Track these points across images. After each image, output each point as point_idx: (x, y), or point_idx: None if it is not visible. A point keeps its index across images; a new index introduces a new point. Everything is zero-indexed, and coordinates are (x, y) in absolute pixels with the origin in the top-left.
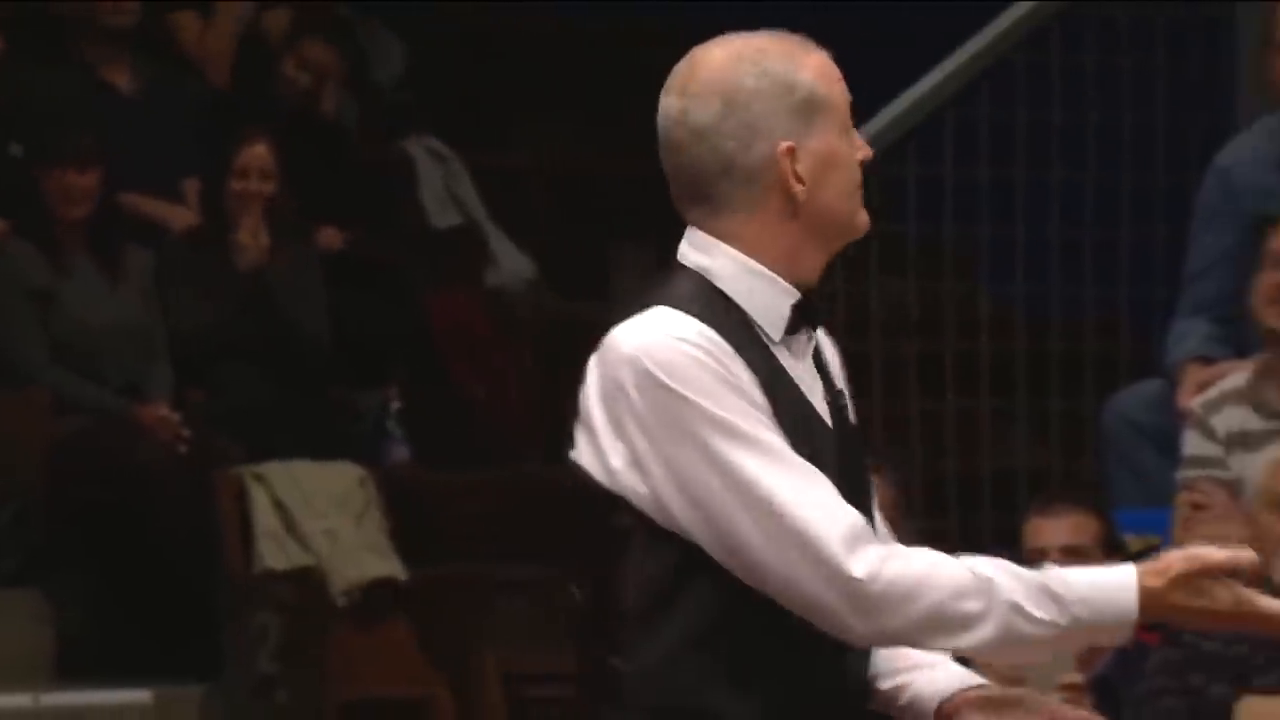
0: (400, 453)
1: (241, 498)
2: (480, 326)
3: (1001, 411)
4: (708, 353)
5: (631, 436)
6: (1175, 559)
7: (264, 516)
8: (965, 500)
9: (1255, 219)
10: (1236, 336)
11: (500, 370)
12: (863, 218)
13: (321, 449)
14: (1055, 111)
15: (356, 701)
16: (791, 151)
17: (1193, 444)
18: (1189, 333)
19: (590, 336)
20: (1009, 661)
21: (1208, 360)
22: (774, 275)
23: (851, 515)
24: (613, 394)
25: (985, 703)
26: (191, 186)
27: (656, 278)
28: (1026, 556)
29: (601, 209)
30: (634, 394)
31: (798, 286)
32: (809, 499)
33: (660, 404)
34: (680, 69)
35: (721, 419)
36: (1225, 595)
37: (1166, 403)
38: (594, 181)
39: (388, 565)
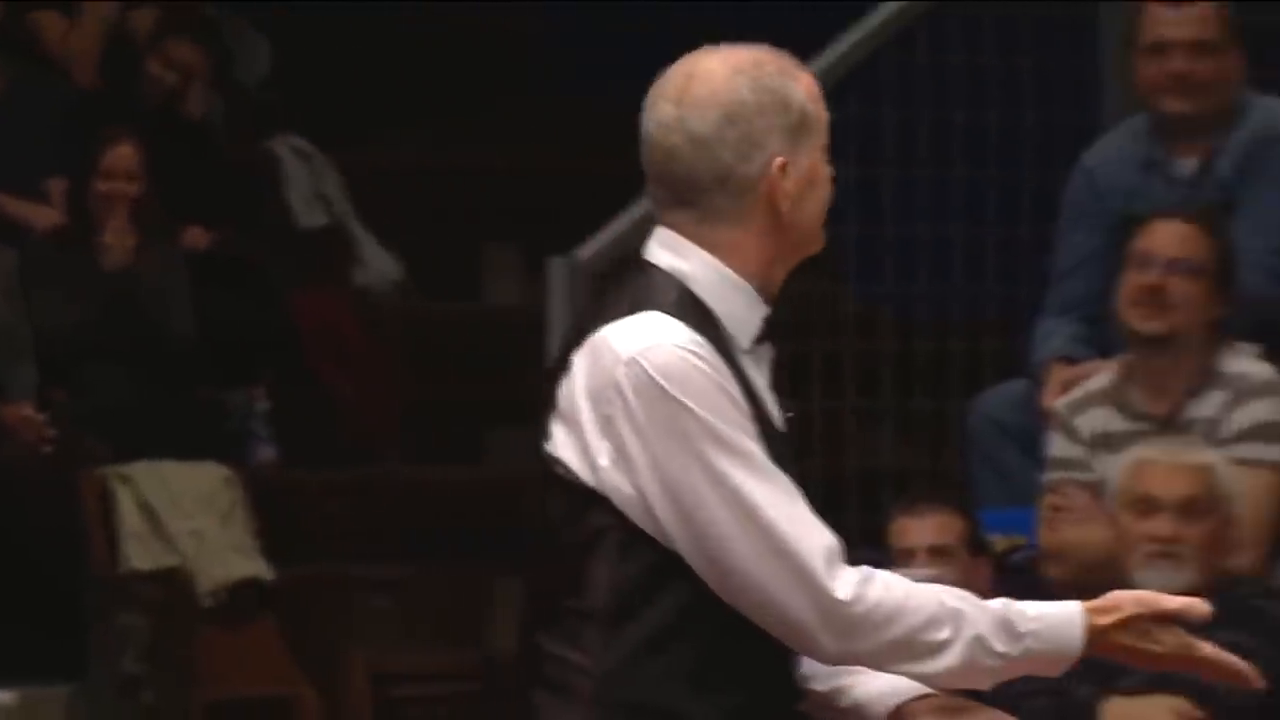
0: (267, 453)
1: (107, 498)
2: (347, 326)
3: (867, 411)
4: (706, 362)
5: (623, 437)
6: (1125, 599)
7: (129, 517)
8: (831, 500)
9: (1121, 219)
10: (1102, 337)
11: (367, 370)
12: (820, 238)
13: (187, 449)
14: (922, 111)
15: (223, 701)
16: (784, 167)
17: (1057, 445)
18: (1054, 333)
19: (457, 336)
20: (951, 687)
21: (1073, 360)
22: (748, 286)
23: (829, 535)
24: (606, 394)
25: (941, 710)
26: (56, 186)
27: (627, 277)
28: (893, 556)
29: (469, 209)
30: (632, 397)
31: (765, 298)
32: (793, 516)
33: (659, 410)
34: (674, 78)
35: (719, 431)
36: (1170, 639)
37: (1031, 403)
38: (461, 181)
39: (254, 565)
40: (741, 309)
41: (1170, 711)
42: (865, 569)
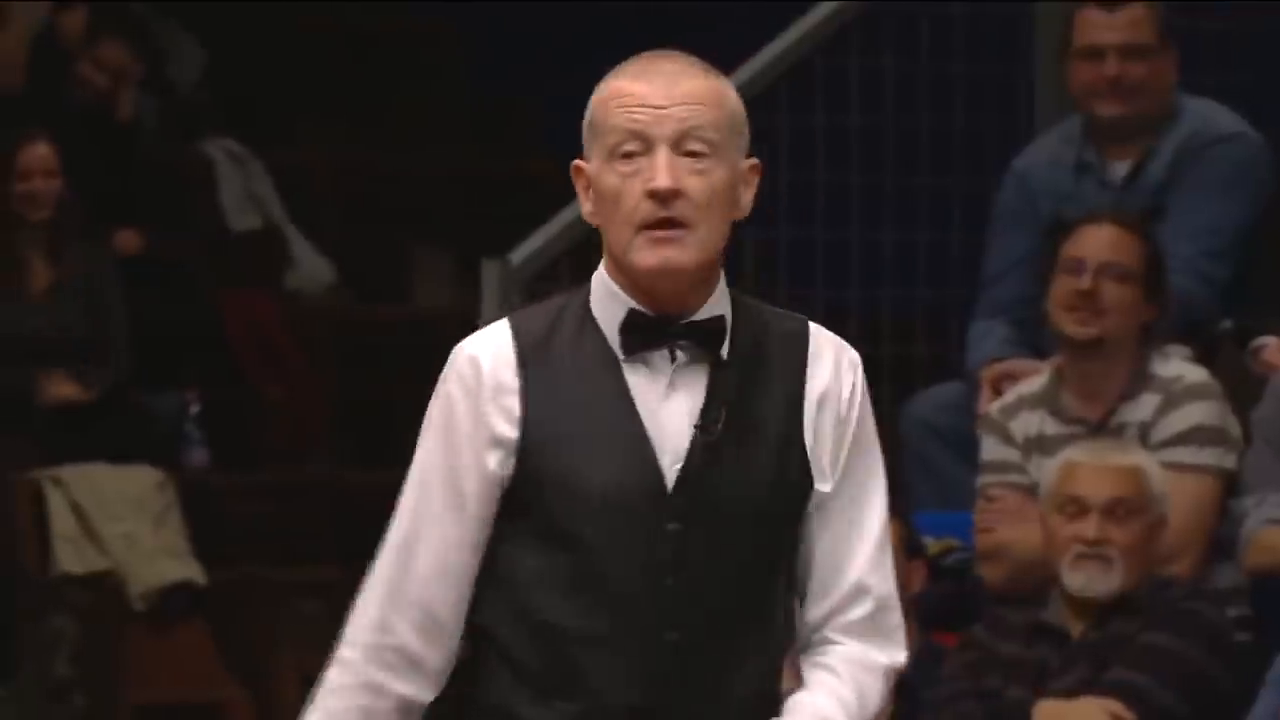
0: (199, 455)
1: (38, 501)
2: (278, 329)
3: None
4: (470, 368)
5: None
6: None
7: (61, 520)
8: None
9: (1052, 223)
10: (1034, 339)
11: (298, 373)
12: (642, 258)
13: (119, 452)
14: (854, 115)
15: (153, 705)
16: (578, 170)
17: (990, 449)
18: (987, 335)
19: (388, 338)
20: None
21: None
22: (620, 292)
23: (373, 613)
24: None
25: None
26: None
27: None
28: None
29: (401, 211)
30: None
31: (648, 306)
32: (382, 566)
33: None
34: None
35: (424, 433)
36: None
37: (964, 405)
38: (393, 183)
39: (186, 569)
40: (610, 316)
41: (1102, 712)
42: None
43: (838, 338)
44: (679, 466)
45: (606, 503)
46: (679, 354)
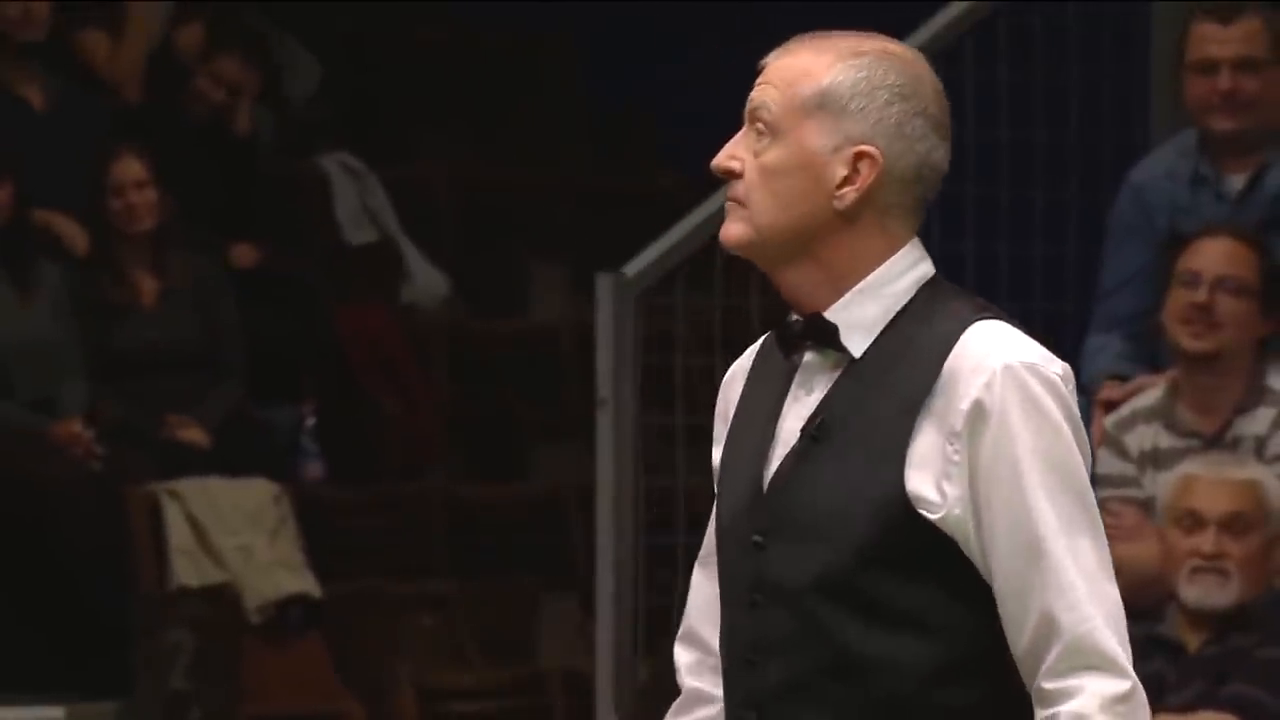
0: (315, 469)
1: (155, 514)
2: (394, 342)
3: None
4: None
5: None
6: None
7: (178, 533)
8: None
9: (1169, 236)
10: (1150, 353)
11: (414, 386)
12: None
13: (236, 465)
14: (969, 128)
15: (269, 718)
16: None
17: (1105, 463)
18: (1102, 349)
19: (504, 352)
20: None
21: (1122, 377)
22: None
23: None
24: None
25: None
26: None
27: None
28: None
29: (517, 225)
30: None
31: (796, 307)
32: None
33: None
34: None
35: None
36: None
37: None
38: (509, 197)
39: (302, 582)
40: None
41: None
42: None
43: (1006, 342)
44: (773, 474)
45: (726, 513)
46: (806, 355)
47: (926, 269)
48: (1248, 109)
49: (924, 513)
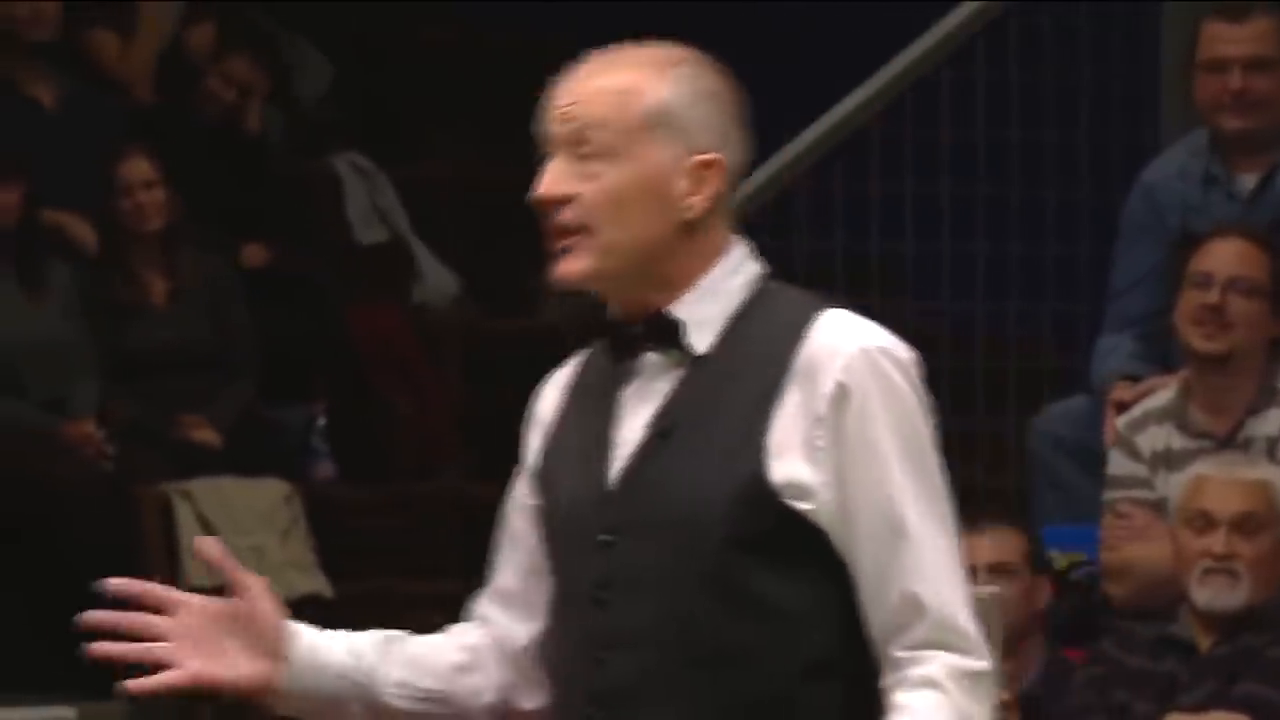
0: (326, 469)
1: (167, 514)
2: (405, 342)
3: None
4: (546, 386)
5: None
6: None
7: (189, 533)
8: None
9: (1180, 236)
10: (1162, 353)
11: (425, 386)
12: (551, 270)
13: (247, 465)
14: (979, 128)
15: (283, 718)
16: None
17: (1117, 463)
18: (1114, 350)
19: (515, 350)
20: None
21: (1133, 378)
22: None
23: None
24: None
25: None
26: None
27: None
28: None
29: (526, 224)
30: None
31: (628, 312)
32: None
33: None
34: None
35: None
36: None
37: (1091, 419)
38: (519, 196)
39: (314, 582)
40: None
41: None
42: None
43: (858, 328)
44: (620, 473)
45: (563, 515)
46: (647, 356)
47: (756, 267)
48: (1259, 108)
49: (791, 501)
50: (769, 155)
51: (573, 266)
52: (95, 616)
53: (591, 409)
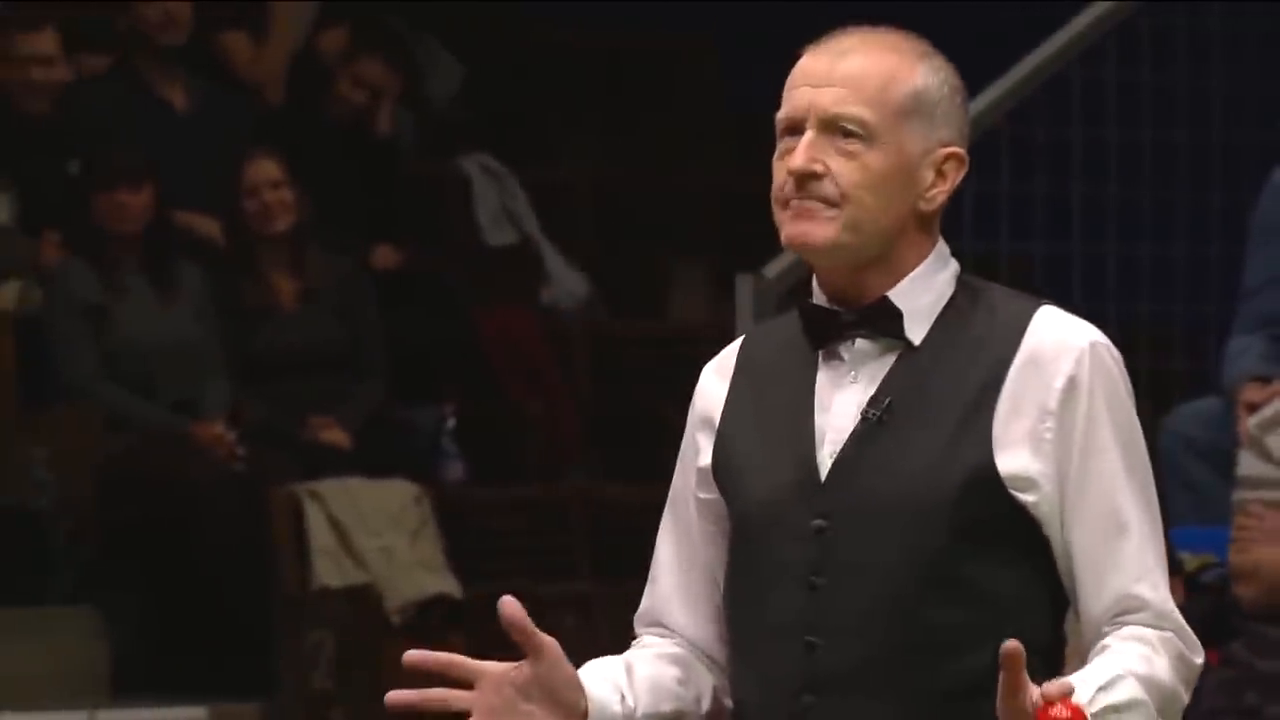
0: (455, 470)
1: (297, 515)
2: (534, 344)
3: None
4: (698, 388)
5: None
6: None
7: (320, 534)
8: None
9: None
10: None
11: (554, 387)
12: (784, 232)
13: (377, 466)
14: (1111, 128)
15: (411, 719)
16: None
17: (1247, 464)
18: (1245, 350)
19: (644, 352)
20: None
21: (1265, 379)
22: (815, 287)
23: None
24: None
25: None
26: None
27: None
28: None
29: (656, 226)
30: None
31: (839, 297)
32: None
33: None
34: None
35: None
36: None
37: (1222, 420)
38: (648, 198)
39: (443, 582)
40: (807, 311)
41: None
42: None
43: (1077, 323)
44: (833, 458)
45: (763, 502)
46: (858, 342)
47: (955, 263)
48: None
49: (1016, 493)
50: None
51: (819, 231)
52: (399, 696)
53: (783, 395)
